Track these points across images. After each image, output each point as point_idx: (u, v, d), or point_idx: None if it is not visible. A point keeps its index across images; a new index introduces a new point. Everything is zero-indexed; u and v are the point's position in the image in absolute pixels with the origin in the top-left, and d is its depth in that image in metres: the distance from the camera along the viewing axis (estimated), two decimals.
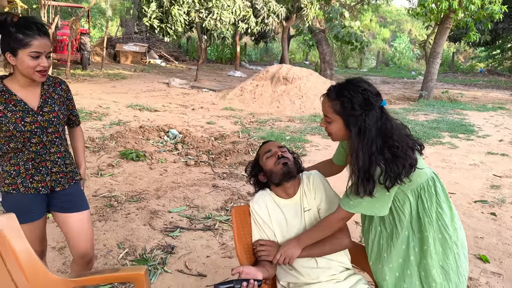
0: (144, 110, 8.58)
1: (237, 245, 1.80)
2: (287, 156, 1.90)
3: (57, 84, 2.03)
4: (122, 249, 3.13)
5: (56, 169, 2.00)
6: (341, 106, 1.66)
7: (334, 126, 1.72)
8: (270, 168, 1.89)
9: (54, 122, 1.95)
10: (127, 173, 4.74)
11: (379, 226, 1.85)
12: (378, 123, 1.64)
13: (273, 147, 1.93)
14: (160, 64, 18.95)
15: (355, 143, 1.65)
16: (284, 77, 10.01)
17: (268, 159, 1.90)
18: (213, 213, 3.82)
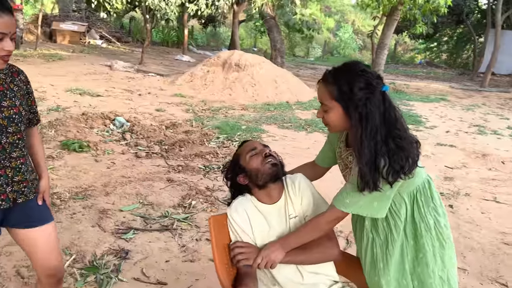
0: (86, 95, 7.94)
1: (217, 262, 1.54)
2: (274, 154, 1.71)
3: (16, 73, 1.65)
4: (68, 255, 2.76)
5: (19, 178, 1.63)
6: (338, 90, 1.47)
7: (333, 115, 1.52)
8: (256, 167, 1.66)
9: (16, 120, 1.58)
10: (70, 166, 4.28)
11: (371, 233, 1.68)
12: (381, 108, 1.46)
13: (258, 145, 1.73)
14: (101, 45, 17.84)
15: (357, 131, 1.46)
16: (236, 64, 9.71)
17: (253, 158, 1.68)
18: (170, 211, 3.51)
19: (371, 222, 1.67)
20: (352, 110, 1.47)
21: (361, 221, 1.72)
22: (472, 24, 21.95)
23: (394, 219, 1.63)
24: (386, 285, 1.63)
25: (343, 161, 1.75)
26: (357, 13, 37.44)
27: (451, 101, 11.46)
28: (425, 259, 1.65)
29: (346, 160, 1.71)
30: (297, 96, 9.50)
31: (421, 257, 1.66)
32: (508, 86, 16.27)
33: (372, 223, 1.67)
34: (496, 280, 2.96)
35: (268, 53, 14.72)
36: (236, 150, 1.80)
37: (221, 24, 24.60)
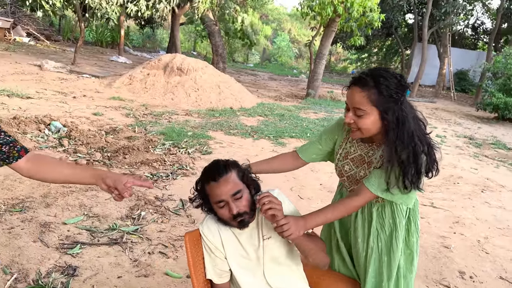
0: (14, 97, 7.32)
1: (195, 281, 1.47)
2: (243, 210, 1.54)
3: None
4: (9, 274, 2.50)
5: None
6: (379, 94, 1.46)
7: (368, 120, 1.50)
8: (224, 218, 1.58)
9: None
10: (3, 175, 3.90)
11: (376, 230, 1.74)
12: (411, 110, 1.52)
13: (225, 196, 1.53)
14: (29, 43, 16.62)
15: (393, 134, 1.48)
16: (178, 68, 9.51)
17: (221, 209, 1.56)
18: (118, 223, 3.32)
19: (377, 219, 1.71)
20: (390, 114, 1.48)
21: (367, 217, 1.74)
22: (400, 37, 23.47)
23: (399, 216, 1.70)
24: (388, 279, 1.70)
25: (354, 160, 1.72)
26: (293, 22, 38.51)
27: None
28: (412, 255, 1.78)
29: (366, 155, 1.68)
30: (241, 102, 9.51)
31: (409, 253, 1.77)
32: (433, 96, 17.57)
33: (378, 220, 1.71)
34: (440, 282, 3.14)
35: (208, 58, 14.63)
36: (203, 180, 1.60)
37: (160, 26, 24.04)
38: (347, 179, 1.77)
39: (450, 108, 14.50)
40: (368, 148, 1.69)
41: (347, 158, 1.75)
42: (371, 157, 1.67)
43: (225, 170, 1.55)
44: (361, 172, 1.70)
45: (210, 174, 1.56)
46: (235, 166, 1.60)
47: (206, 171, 1.59)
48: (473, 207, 4.82)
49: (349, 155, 1.74)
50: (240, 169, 1.61)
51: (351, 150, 1.74)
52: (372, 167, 1.66)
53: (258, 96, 11.45)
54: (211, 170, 1.57)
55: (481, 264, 3.48)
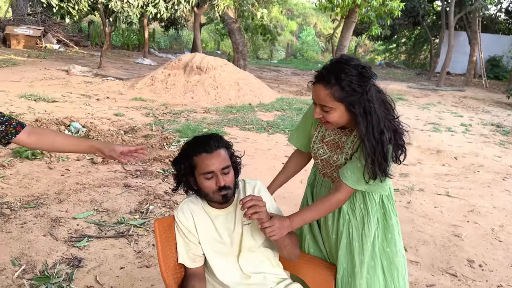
0: (41, 101, 7.66)
1: (162, 265, 1.53)
2: (229, 184, 1.61)
3: None
4: (18, 266, 2.66)
5: None
6: (341, 90, 1.48)
7: (335, 115, 1.54)
8: (206, 191, 1.62)
9: None
10: (22, 175, 4.12)
11: (347, 214, 1.75)
12: (378, 97, 1.52)
13: (215, 168, 1.57)
14: (59, 50, 17.26)
15: (362, 126, 1.50)
16: (198, 67, 9.65)
17: (207, 181, 1.59)
18: (126, 217, 3.44)
19: (348, 204, 1.73)
20: (356, 107, 1.50)
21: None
22: (428, 26, 22.79)
23: (371, 201, 1.72)
24: (360, 264, 1.70)
25: (328, 143, 1.74)
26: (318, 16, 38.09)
27: (408, 100, 11.84)
28: (394, 238, 1.76)
29: (340, 140, 1.70)
30: (260, 98, 9.55)
31: (390, 237, 1.77)
32: (463, 84, 17.00)
33: (349, 205, 1.73)
34: (447, 271, 3.08)
35: (231, 56, 14.72)
36: (192, 149, 1.62)
37: (183, 27, 24.37)
38: (321, 162, 1.78)
39: (479, 96, 13.98)
40: (341, 133, 1.71)
41: (322, 141, 1.76)
42: (344, 143, 1.69)
43: (219, 144, 1.61)
44: (334, 157, 1.72)
45: (203, 145, 1.59)
46: (226, 144, 1.67)
47: (198, 142, 1.61)
48: (491, 195, 4.67)
49: (325, 139, 1.75)
50: (230, 148, 1.68)
51: (326, 133, 1.75)
52: (343, 153, 1.68)
53: (278, 91, 11.44)
54: (204, 141, 1.60)
55: (492, 253, 3.38)
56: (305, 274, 1.81)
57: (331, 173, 1.77)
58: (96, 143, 1.56)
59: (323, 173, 1.80)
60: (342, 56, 1.56)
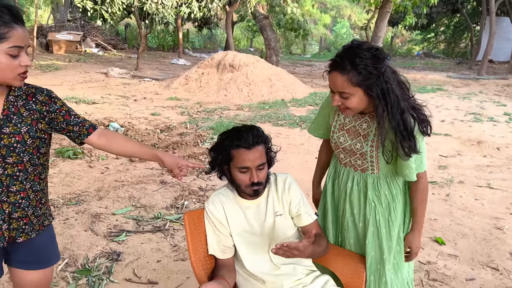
0: (81, 103, 7.99)
1: (192, 256, 1.57)
2: (261, 180, 1.63)
3: (31, 95, 1.44)
4: (61, 259, 2.79)
5: (19, 214, 1.45)
6: (358, 75, 1.48)
7: (354, 100, 1.54)
8: (239, 183, 1.65)
9: (17, 149, 1.39)
10: (64, 173, 4.32)
11: (373, 202, 1.74)
12: (393, 77, 1.53)
13: (251, 164, 1.60)
14: (97, 53, 17.90)
15: (381, 107, 1.51)
16: (230, 64, 9.74)
17: (241, 175, 1.62)
18: (163, 212, 3.54)
19: (373, 191, 1.72)
20: (374, 89, 1.50)
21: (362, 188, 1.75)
22: (468, 13, 21.88)
23: (395, 188, 1.73)
24: (388, 250, 1.72)
25: (349, 131, 1.73)
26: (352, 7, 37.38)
27: (447, 90, 11.43)
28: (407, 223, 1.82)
29: (360, 128, 1.69)
30: (292, 93, 9.52)
31: (408, 222, 1.80)
32: (506, 72, 16.21)
33: (374, 193, 1.73)
34: (488, 264, 2.97)
35: (264, 53, 14.73)
36: (231, 141, 1.62)
37: (216, 26, 24.62)
38: (343, 151, 1.76)
39: None
40: (362, 119, 1.69)
41: (342, 129, 1.75)
42: (366, 130, 1.67)
43: (258, 139, 1.62)
44: (358, 145, 1.70)
45: (243, 139, 1.60)
46: (265, 139, 1.67)
47: (238, 135, 1.62)
48: None
49: (345, 126, 1.74)
50: (268, 144, 1.69)
51: (345, 121, 1.74)
52: (368, 140, 1.66)
53: (311, 86, 11.35)
54: (245, 136, 1.60)
55: None
56: (334, 266, 1.80)
57: (354, 161, 1.74)
58: (160, 153, 1.64)
59: (344, 162, 1.79)
60: (353, 41, 1.56)
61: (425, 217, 3.56)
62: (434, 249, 3.16)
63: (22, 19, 1.32)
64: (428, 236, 3.33)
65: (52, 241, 1.64)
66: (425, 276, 2.81)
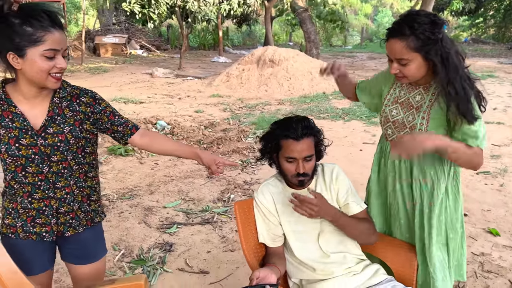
0: (129, 103, 8.31)
1: (243, 244, 1.63)
2: (307, 171, 1.66)
3: (75, 97, 1.51)
4: (117, 250, 2.96)
5: (65, 209, 1.54)
6: (417, 40, 1.49)
7: (413, 66, 1.55)
8: (285, 172, 1.70)
9: (61, 148, 1.46)
10: (117, 170, 4.54)
11: (419, 181, 1.74)
12: (452, 44, 1.53)
13: (298, 155, 1.63)
14: (142, 55, 18.50)
15: (442, 74, 1.51)
16: (270, 60, 9.77)
17: (288, 164, 1.67)
18: (210, 205, 3.65)
19: (419, 171, 1.72)
20: (433, 55, 1.51)
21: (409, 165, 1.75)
22: None
23: (441, 170, 1.70)
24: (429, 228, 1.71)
25: (402, 104, 1.72)
26: None
27: (499, 77, 10.88)
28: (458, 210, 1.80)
29: (413, 100, 1.69)
30: (334, 86, 9.38)
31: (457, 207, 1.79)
32: None
33: (420, 172, 1.72)
34: None
35: (303, 46, 14.64)
36: (282, 130, 1.66)
37: (255, 22, 24.70)
38: (393, 125, 1.75)
39: None
40: (415, 91, 1.69)
41: (396, 102, 1.75)
42: (419, 102, 1.67)
43: (308, 131, 1.64)
44: (410, 117, 1.69)
45: (293, 130, 1.62)
46: (316, 132, 1.70)
47: (289, 126, 1.64)
48: None
49: (399, 99, 1.74)
50: (318, 136, 1.71)
51: (400, 94, 1.74)
52: (421, 112, 1.65)
53: (354, 77, 11.17)
54: (295, 127, 1.63)
55: None
56: (384, 256, 1.80)
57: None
58: (198, 150, 1.70)
59: (391, 139, 1.78)
60: (410, 10, 1.57)
61: (478, 208, 3.47)
62: (488, 241, 3.06)
63: (60, 23, 1.37)
64: (482, 227, 3.22)
65: (100, 237, 1.70)
66: (479, 267, 2.74)
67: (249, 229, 1.70)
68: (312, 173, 1.72)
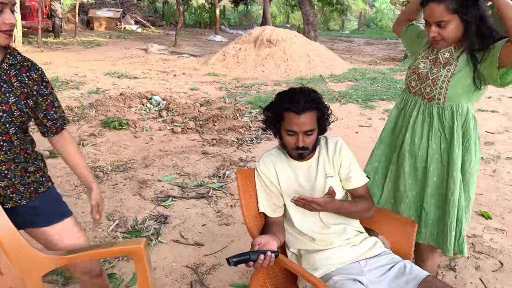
0: (123, 78, 8.19)
1: (244, 211, 1.63)
2: (307, 145, 1.64)
3: (25, 68, 1.42)
4: (112, 221, 2.95)
5: (5, 183, 1.44)
6: (455, 2, 1.60)
7: (450, 27, 1.66)
8: (286, 144, 1.69)
9: (3, 118, 1.35)
10: (111, 142, 4.49)
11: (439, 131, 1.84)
12: (486, 6, 1.65)
13: (298, 129, 1.60)
14: (136, 30, 18.19)
15: (473, 29, 1.63)
16: (268, 40, 9.67)
17: (288, 137, 1.65)
18: (206, 181, 3.64)
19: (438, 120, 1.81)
20: (470, 15, 1.61)
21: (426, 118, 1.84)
22: None
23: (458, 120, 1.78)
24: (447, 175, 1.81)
25: (432, 60, 1.82)
26: None
27: None
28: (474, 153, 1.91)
29: (442, 57, 1.78)
30: (331, 69, 9.37)
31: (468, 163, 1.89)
32: None
33: (439, 121, 1.81)
34: None
35: (301, 29, 14.51)
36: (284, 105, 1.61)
37: (253, 1, 24.38)
38: (417, 77, 1.87)
39: None
40: (446, 48, 1.78)
41: (426, 58, 1.86)
42: (448, 59, 1.77)
43: (311, 105, 1.60)
44: (434, 69, 1.80)
45: (295, 103, 1.58)
46: (320, 106, 1.65)
47: (291, 97, 1.62)
48: None
49: (429, 57, 1.85)
50: (322, 110, 1.66)
51: (432, 52, 1.85)
52: (447, 64, 1.76)
53: (351, 62, 11.13)
54: (297, 99, 1.59)
55: None
56: (383, 230, 1.82)
57: (424, 89, 1.83)
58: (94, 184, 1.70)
59: (414, 91, 1.89)
60: None
61: None
62: (480, 223, 3.10)
63: None
64: (474, 210, 3.26)
65: (53, 201, 1.60)
66: (470, 248, 2.78)
67: (250, 198, 1.70)
68: (314, 147, 1.71)
